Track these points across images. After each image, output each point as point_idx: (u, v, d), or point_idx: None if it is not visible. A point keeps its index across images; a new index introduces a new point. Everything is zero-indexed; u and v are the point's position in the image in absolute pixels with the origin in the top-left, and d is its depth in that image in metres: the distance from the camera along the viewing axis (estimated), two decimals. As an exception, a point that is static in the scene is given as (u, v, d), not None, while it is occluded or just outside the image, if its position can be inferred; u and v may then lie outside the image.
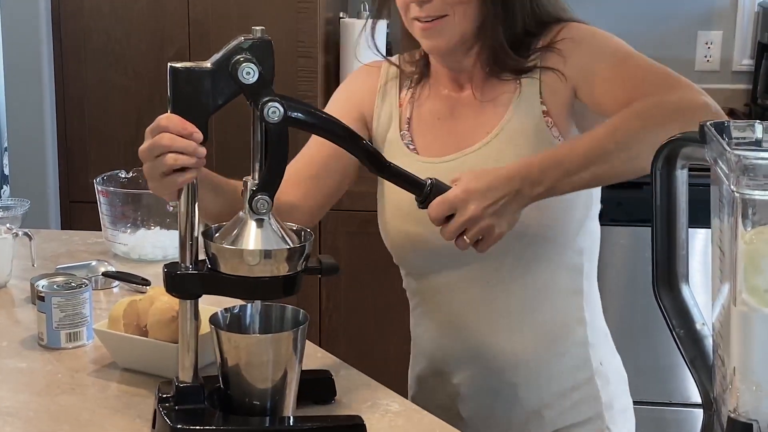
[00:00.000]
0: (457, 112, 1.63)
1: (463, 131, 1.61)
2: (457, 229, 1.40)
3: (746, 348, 0.84)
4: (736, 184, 0.83)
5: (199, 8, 3.21)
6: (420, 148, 1.64)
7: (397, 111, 1.67)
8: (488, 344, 1.63)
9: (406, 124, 1.66)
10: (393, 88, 1.70)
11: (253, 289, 1.33)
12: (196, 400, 1.36)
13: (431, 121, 1.65)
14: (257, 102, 1.30)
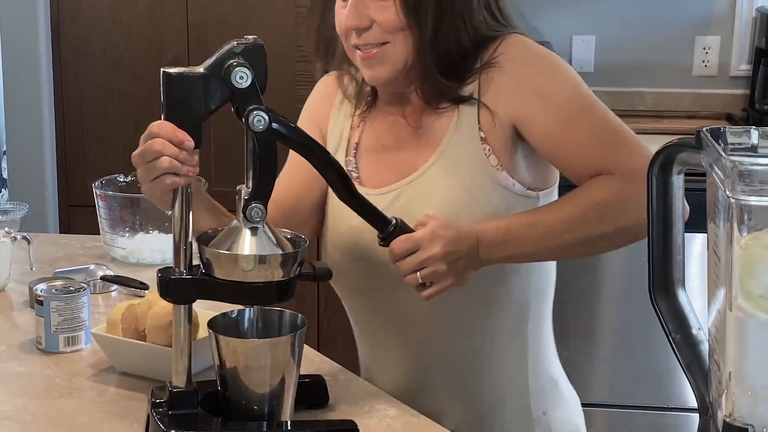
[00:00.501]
0: (400, 140, 1.59)
1: (404, 160, 1.57)
2: (415, 265, 1.41)
3: (741, 353, 0.85)
4: (732, 189, 0.83)
5: (198, 13, 3.22)
6: (363, 177, 1.60)
7: (346, 134, 1.63)
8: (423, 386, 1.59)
9: (353, 149, 1.62)
10: (347, 108, 1.65)
11: (247, 295, 1.34)
12: (190, 404, 1.36)
13: (377, 148, 1.61)
14: (243, 109, 1.31)
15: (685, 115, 3.59)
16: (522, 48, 1.51)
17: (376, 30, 1.49)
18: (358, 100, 1.64)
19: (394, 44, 1.49)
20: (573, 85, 1.50)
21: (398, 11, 1.47)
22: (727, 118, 3.60)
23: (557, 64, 1.52)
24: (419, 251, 1.41)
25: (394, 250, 1.41)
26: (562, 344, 3.11)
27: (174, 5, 3.23)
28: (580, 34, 3.61)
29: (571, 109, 1.48)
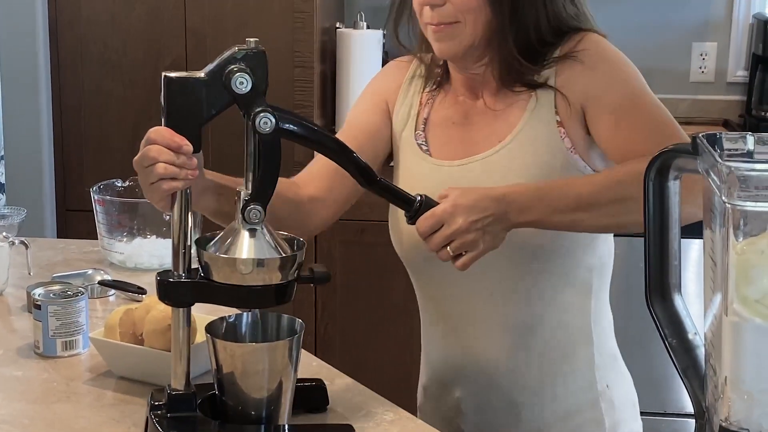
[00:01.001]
0: (471, 119, 1.63)
1: (476, 138, 1.61)
2: (443, 240, 1.42)
3: (737, 357, 0.85)
4: (728, 195, 0.84)
5: (196, 18, 3.22)
6: (433, 150, 1.64)
7: (415, 110, 1.68)
8: (490, 359, 1.63)
9: (422, 124, 1.67)
10: (417, 85, 1.70)
11: (245, 298, 1.34)
12: (188, 407, 1.36)
13: (446, 125, 1.65)
14: (249, 112, 1.31)
15: (683, 121, 3.57)
16: (599, 45, 1.57)
17: (449, 7, 1.53)
18: (427, 80, 1.69)
19: (464, 23, 1.54)
20: (637, 80, 1.57)
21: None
22: (724, 124, 3.61)
23: (627, 63, 1.59)
24: (444, 226, 1.41)
25: (419, 228, 1.42)
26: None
27: (172, 10, 3.23)
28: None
29: (630, 93, 1.54)
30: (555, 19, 1.56)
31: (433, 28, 1.56)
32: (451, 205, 1.42)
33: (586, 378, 1.64)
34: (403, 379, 3.00)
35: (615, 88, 1.54)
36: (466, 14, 1.53)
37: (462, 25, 1.54)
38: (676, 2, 3.62)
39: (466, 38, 1.55)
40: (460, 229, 1.41)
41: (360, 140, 1.65)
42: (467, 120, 1.63)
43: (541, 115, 1.56)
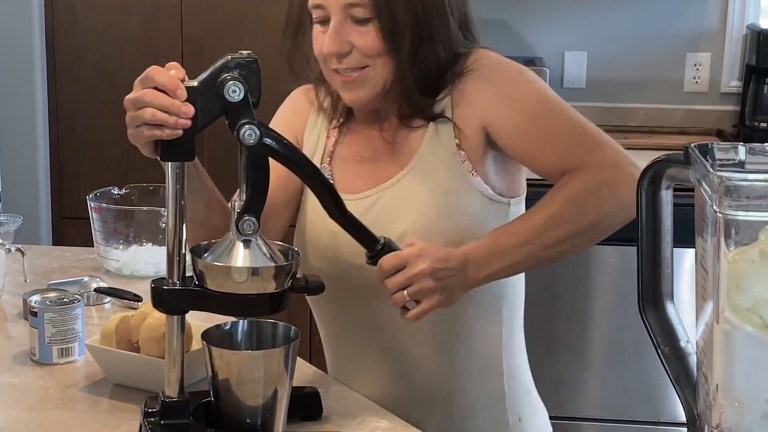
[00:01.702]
0: (376, 151, 1.61)
1: (380, 169, 1.59)
2: (403, 281, 1.41)
3: (728, 365, 0.86)
4: (719, 204, 0.84)
5: (192, 26, 3.23)
6: (338, 184, 1.60)
7: (322, 143, 1.66)
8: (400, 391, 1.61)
9: (328, 158, 1.64)
10: (324, 117, 1.67)
11: (239, 307, 1.35)
12: (182, 415, 1.37)
13: (353, 159, 1.63)
14: (234, 123, 1.32)
15: (676, 131, 3.62)
16: (489, 58, 1.56)
17: (356, 55, 1.51)
18: (333, 113, 1.66)
19: (373, 68, 1.52)
20: (539, 88, 1.54)
21: (378, 36, 1.49)
22: (718, 134, 3.63)
23: (523, 71, 1.56)
24: (407, 267, 1.41)
25: (383, 266, 1.42)
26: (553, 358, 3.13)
27: (168, 19, 3.24)
28: (572, 50, 3.64)
29: (538, 107, 1.52)
30: (451, 48, 1.54)
31: (341, 78, 1.53)
32: (418, 249, 1.42)
33: (498, 409, 1.63)
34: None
35: (517, 102, 1.52)
36: (374, 58, 1.51)
37: (371, 69, 1.52)
38: (671, 13, 3.63)
39: (377, 83, 1.53)
40: (423, 272, 1.40)
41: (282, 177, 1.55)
42: (374, 154, 1.61)
43: (440, 140, 1.55)
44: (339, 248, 1.56)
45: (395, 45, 1.50)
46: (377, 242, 1.43)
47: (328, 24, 1.52)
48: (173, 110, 1.31)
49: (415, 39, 1.50)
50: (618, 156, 1.48)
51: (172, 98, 1.31)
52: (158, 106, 1.31)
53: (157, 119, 1.31)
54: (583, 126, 1.51)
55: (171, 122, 1.31)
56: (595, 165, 1.46)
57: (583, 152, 1.48)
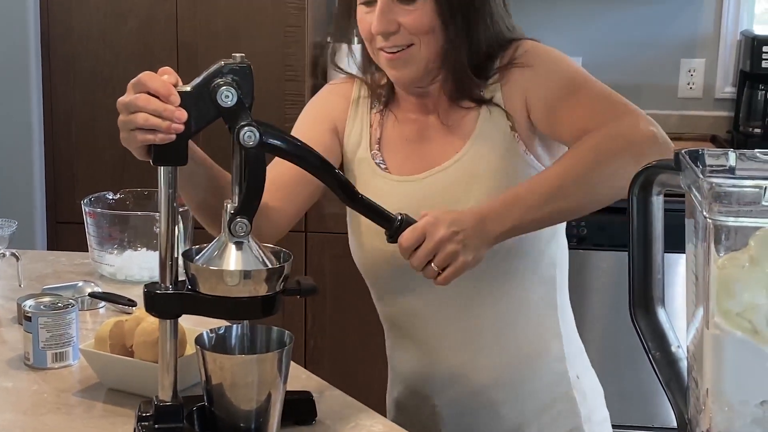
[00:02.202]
0: (426, 135, 1.65)
1: (433, 152, 1.63)
2: (426, 254, 1.42)
3: (719, 370, 0.86)
4: (709, 210, 0.85)
5: (188, 32, 3.24)
6: (392, 168, 1.66)
7: (367, 130, 1.69)
8: (466, 364, 1.65)
9: (376, 143, 1.68)
10: (365, 105, 1.71)
11: (232, 310, 1.35)
12: (175, 419, 1.37)
13: (400, 142, 1.67)
14: (233, 126, 1.33)
15: (671, 137, 3.58)
16: (536, 48, 1.60)
17: (403, 33, 1.55)
18: (373, 100, 1.71)
19: (419, 46, 1.55)
20: (576, 68, 1.59)
21: (429, 15, 1.53)
22: (712, 139, 3.64)
23: (561, 55, 1.61)
24: (426, 239, 1.42)
25: (403, 243, 1.43)
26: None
27: (164, 24, 3.25)
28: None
29: (573, 78, 1.56)
30: (499, 33, 1.59)
31: (388, 56, 1.57)
32: (433, 217, 1.43)
33: (559, 371, 1.68)
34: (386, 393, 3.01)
35: (553, 77, 1.56)
36: (420, 36, 1.54)
37: (416, 47, 1.55)
38: (665, 19, 3.64)
39: (422, 61, 1.56)
40: (443, 238, 1.41)
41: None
42: (422, 136, 1.65)
43: (494, 123, 1.59)
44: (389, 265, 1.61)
45: (445, 23, 1.53)
46: (394, 220, 1.44)
47: (374, 5, 1.55)
48: (166, 115, 1.31)
49: (466, 18, 1.54)
50: (640, 117, 1.49)
51: (165, 103, 1.32)
52: (151, 111, 1.32)
53: (150, 124, 1.32)
54: (613, 95, 1.54)
55: (164, 127, 1.32)
56: (616, 123, 1.48)
57: (612, 115, 1.50)
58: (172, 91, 1.32)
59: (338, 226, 3.22)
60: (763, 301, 0.85)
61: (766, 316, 0.85)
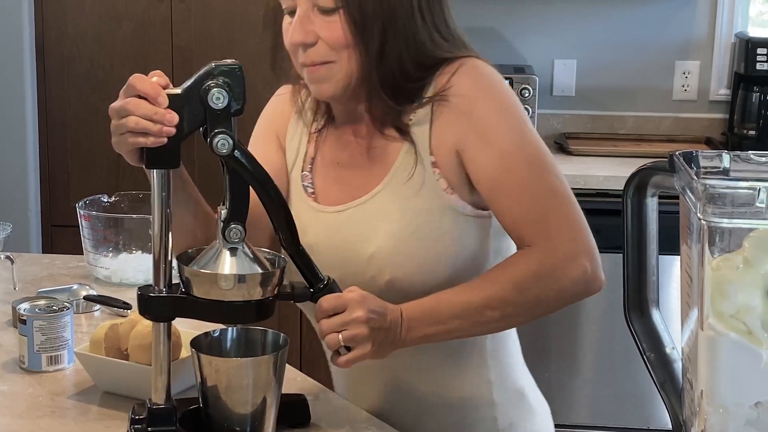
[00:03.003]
0: (355, 161, 1.58)
1: (356, 181, 1.57)
2: (340, 324, 1.39)
3: (713, 371, 0.86)
4: (703, 212, 0.85)
5: (183, 35, 3.24)
6: (318, 193, 1.60)
7: (304, 147, 1.63)
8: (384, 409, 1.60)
9: (309, 164, 1.62)
10: (305, 120, 1.64)
11: (225, 314, 1.35)
12: (168, 422, 1.37)
13: (332, 166, 1.61)
14: (210, 132, 1.32)
15: (665, 139, 3.63)
16: (476, 80, 1.50)
17: (322, 47, 1.48)
18: (314, 114, 1.63)
19: (339, 62, 1.48)
20: (520, 132, 1.49)
21: (344, 28, 1.46)
22: (707, 142, 3.64)
23: (509, 105, 1.50)
24: (345, 312, 1.39)
25: (323, 304, 1.39)
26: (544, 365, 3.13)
27: (158, 27, 3.25)
28: (561, 58, 3.65)
29: (514, 159, 1.47)
30: (419, 53, 1.49)
31: (309, 69, 1.50)
32: (359, 295, 1.40)
33: (488, 417, 1.61)
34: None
35: (494, 140, 1.47)
36: (339, 52, 1.47)
37: (336, 64, 1.48)
38: (659, 21, 3.65)
39: (342, 78, 1.49)
40: (359, 318, 1.38)
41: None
42: (352, 162, 1.58)
43: (416, 157, 1.51)
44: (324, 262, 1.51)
45: (362, 38, 1.46)
46: (321, 280, 1.41)
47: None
48: (157, 118, 1.31)
49: (382, 33, 1.46)
50: (577, 245, 1.45)
51: (155, 106, 1.31)
52: (141, 115, 1.31)
53: (141, 127, 1.31)
54: (555, 198, 1.46)
55: (155, 130, 1.31)
56: (549, 251, 1.44)
57: (545, 229, 1.45)
58: (160, 93, 1.32)
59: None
60: (757, 303, 0.85)
61: (760, 318, 0.85)
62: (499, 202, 1.47)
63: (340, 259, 1.52)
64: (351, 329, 1.38)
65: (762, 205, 0.84)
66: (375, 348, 1.40)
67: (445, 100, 1.49)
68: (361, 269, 1.51)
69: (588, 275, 1.44)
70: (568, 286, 1.44)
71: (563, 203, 1.47)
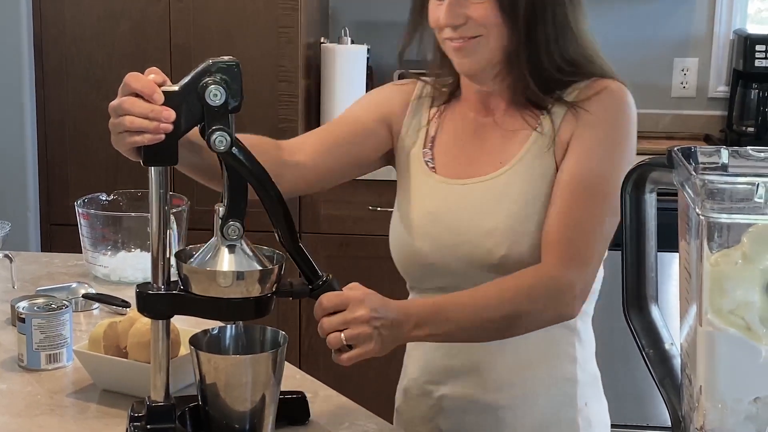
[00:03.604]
0: (479, 136, 1.67)
1: (480, 157, 1.65)
2: (341, 323, 1.40)
3: (711, 367, 0.86)
4: (702, 207, 0.85)
5: (181, 33, 3.24)
6: (438, 167, 1.68)
7: (424, 128, 1.71)
8: (476, 362, 1.64)
9: (430, 142, 1.70)
10: (424, 104, 1.73)
11: (224, 311, 1.35)
12: (167, 419, 1.37)
13: (453, 141, 1.69)
14: (207, 128, 1.32)
15: (664, 136, 3.63)
16: (612, 109, 1.60)
17: (471, 24, 1.56)
18: (434, 99, 1.73)
19: (486, 37, 1.57)
20: (607, 168, 1.57)
21: (493, 11, 1.54)
22: (705, 138, 3.64)
23: (618, 141, 1.60)
24: (347, 310, 1.40)
25: (324, 302, 1.40)
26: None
27: (157, 26, 3.24)
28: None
29: (584, 183, 1.55)
30: (566, 44, 1.59)
31: (454, 45, 1.58)
32: (361, 293, 1.42)
33: (568, 393, 1.66)
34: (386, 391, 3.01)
35: (586, 159, 1.57)
36: (489, 28, 1.56)
37: (484, 38, 1.57)
38: (658, 18, 3.65)
39: (487, 52, 1.58)
40: (361, 317, 1.40)
41: (347, 131, 1.71)
42: (476, 136, 1.67)
43: (542, 147, 1.60)
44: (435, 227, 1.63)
45: (510, 18, 1.54)
46: (321, 277, 1.42)
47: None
48: (152, 116, 1.32)
49: (531, 15, 1.55)
50: (582, 284, 1.55)
51: (151, 103, 1.32)
52: (137, 113, 1.32)
53: (137, 126, 1.32)
54: (593, 233, 1.55)
55: (151, 128, 1.32)
56: (558, 277, 1.52)
57: (566, 253, 1.53)
58: (155, 90, 1.33)
59: (332, 227, 3.23)
60: (756, 298, 0.85)
61: (758, 313, 0.85)
62: (551, 207, 1.56)
63: (459, 228, 1.60)
64: (353, 328, 1.40)
65: (761, 200, 0.84)
66: (378, 347, 1.42)
67: (582, 109, 1.58)
68: (478, 241, 1.59)
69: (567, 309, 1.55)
70: (558, 316, 1.56)
71: (596, 240, 1.56)
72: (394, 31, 1.79)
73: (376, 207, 3.10)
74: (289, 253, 1.41)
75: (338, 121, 1.76)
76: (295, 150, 1.67)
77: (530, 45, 1.57)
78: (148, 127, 1.32)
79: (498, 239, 1.57)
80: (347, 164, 1.72)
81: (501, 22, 1.55)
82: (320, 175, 1.70)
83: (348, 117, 1.75)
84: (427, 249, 1.63)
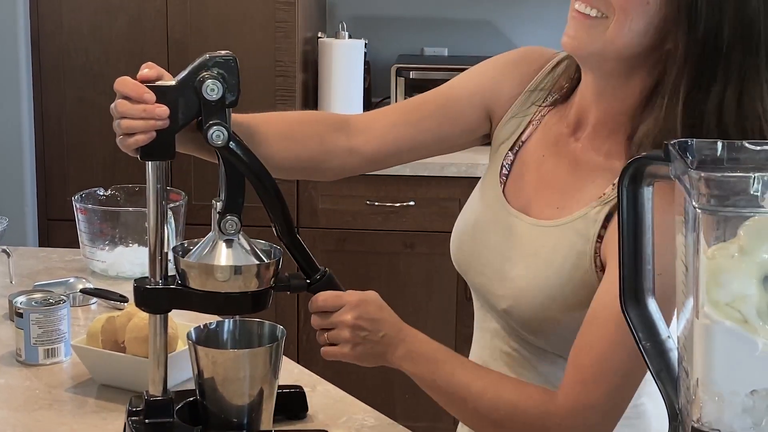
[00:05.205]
0: (555, 162, 1.46)
1: (544, 191, 1.46)
2: (327, 324, 1.39)
3: (708, 360, 0.87)
4: (698, 200, 0.85)
5: (178, 28, 3.23)
6: (508, 182, 1.50)
7: (521, 128, 1.52)
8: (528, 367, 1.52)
9: (518, 146, 1.51)
10: (536, 99, 1.52)
11: (222, 305, 1.35)
12: (166, 413, 1.38)
13: (532, 158, 1.49)
14: (204, 123, 1.32)
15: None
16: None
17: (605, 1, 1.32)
18: (549, 95, 1.51)
19: (611, 21, 1.32)
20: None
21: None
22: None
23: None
24: (340, 311, 1.38)
25: (319, 300, 1.39)
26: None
27: (154, 20, 3.24)
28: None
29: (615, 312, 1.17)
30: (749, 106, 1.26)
31: (575, 14, 1.37)
32: (357, 299, 1.39)
33: None
34: (384, 386, 3.01)
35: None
36: (622, 11, 1.30)
37: (608, 21, 1.32)
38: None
39: (601, 40, 1.33)
40: (345, 321, 1.37)
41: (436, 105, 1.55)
42: (553, 164, 1.46)
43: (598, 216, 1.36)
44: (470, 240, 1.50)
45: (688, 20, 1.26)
46: (318, 271, 1.41)
47: None
48: (144, 116, 1.32)
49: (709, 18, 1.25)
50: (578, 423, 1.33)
51: (143, 104, 1.31)
52: (131, 115, 1.32)
53: (133, 128, 1.32)
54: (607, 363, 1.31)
55: (146, 127, 1.32)
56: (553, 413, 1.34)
57: (574, 383, 1.35)
58: (144, 91, 1.32)
59: (331, 221, 3.23)
60: (753, 291, 0.85)
61: (755, 306, 0.85)
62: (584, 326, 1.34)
63: (486, 257, 1.47)
64: (337, 329, 1.38)
65: (757, 193, 0.84)
66: (354, 354, 1.38)
67: None
68: (493, 282, 1.46)
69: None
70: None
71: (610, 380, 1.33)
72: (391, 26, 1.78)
73: (374, 202, 3.10)
74: (287, 248, 1.41)
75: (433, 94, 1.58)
76: (360, 134, 1.54)
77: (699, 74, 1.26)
78: (142, 128, 1.32)
79: (508, 291, 1.42)
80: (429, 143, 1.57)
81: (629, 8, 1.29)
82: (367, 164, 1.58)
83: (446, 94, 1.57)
84: (458, 255, 1.53)
